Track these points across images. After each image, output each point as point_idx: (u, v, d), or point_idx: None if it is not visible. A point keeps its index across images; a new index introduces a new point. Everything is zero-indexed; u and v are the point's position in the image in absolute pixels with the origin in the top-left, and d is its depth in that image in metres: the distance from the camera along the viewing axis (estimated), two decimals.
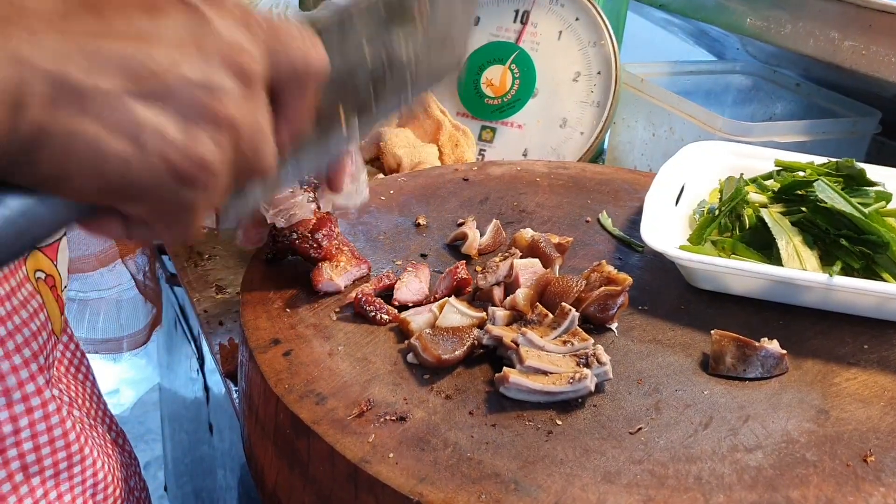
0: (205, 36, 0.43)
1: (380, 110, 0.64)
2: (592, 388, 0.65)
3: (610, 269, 0.77)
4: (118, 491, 0.72)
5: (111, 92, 0.40)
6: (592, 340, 0.69)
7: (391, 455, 0.60)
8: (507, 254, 0.79)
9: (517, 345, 0.67)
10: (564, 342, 0.69)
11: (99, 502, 0.69)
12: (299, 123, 0.50)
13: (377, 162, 1.17)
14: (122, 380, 2.88)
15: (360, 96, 0.61)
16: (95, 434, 0.72)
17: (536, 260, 0.79)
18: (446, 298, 0.74)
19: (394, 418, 0.63)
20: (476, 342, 0.69)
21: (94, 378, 0.82)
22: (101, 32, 0.40)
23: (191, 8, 0.43)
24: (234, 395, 0.88)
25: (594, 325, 0.76)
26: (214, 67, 0.43)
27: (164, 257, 1.37)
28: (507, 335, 0.68)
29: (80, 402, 0.77)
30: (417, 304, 0.76)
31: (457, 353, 0.68)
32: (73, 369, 0.79)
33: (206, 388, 1.25)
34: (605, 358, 0.66)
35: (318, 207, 0.80)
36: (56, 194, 0.42)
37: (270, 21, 0.46)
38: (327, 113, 0.56)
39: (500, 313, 0.71)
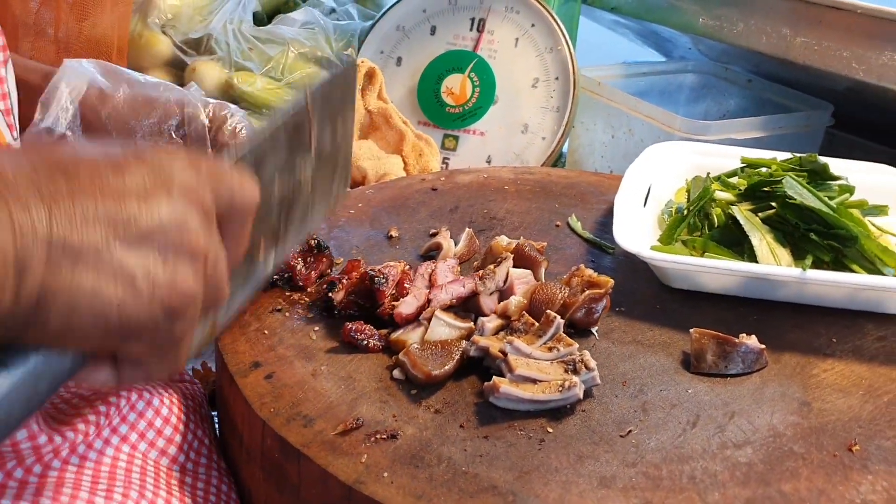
0: (167, 182, 0.47)
1: (289, 238, 0.71)
2: (581, 396, 0.65)
3: (590, 272, 0.78)
4: (185, 422, 0.73)
5: (100, 243, 0.44)
6: (577, 345, 0.69)
7: (385, 474, 0.59)
8: (500, 258, 0.79)
9: (505, 354, 0.67)
10: (550, 349, 0.69)
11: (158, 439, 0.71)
12: (240, 251, 0.55)
13: None
14: None
15: (273, 225, 0.67)
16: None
17: (528, 271, 0.79)
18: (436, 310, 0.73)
19: (385, 436, 0.63)
20: (465, 355, 0.69)
21: None
22: (77, 192, 0.44)
23: (149, 161, 0.48)
24: (213, 420, 0.86)
25: (576, 329, 0.76)
26: (181, 207, 0.47)
27: None
28: (494, 345, 0.68)
29: None
30: (417, 314, 0.75)
31: (446, 368, 0.68)
32: None
33: None
34: (592, 364, 0.66)
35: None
36: (62, 346, 0.46)
37: (210, 162, 0.52)
38: (250, 247, 0.59)
39: (490, 325, 0.71)
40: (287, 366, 0.71)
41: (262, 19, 1.26)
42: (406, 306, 0.73)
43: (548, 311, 0.71)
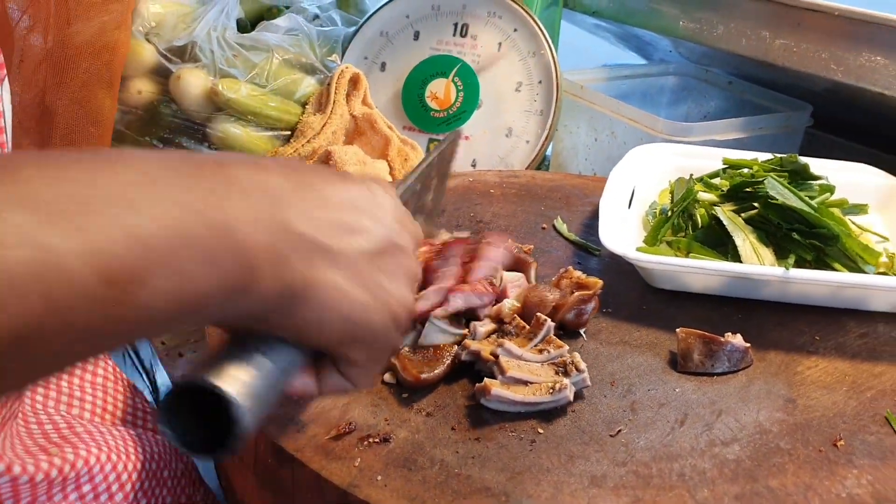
0: (396, 209, 0.54)
1: None
2: (571, 398, 0.66)
3: (578, 274, 0.79)
4: (141, 482, 0.72)
5: (351, 252, 0.49)
6: (567, 347, 0.70)
7: (379, 477, 0.60)
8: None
9: (496, 357, 0.68)
10: (541, 351, 0.69)
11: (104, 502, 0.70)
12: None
13: None
14: None
15: None
16: (111, 437, 0.71)
17: (520, 274, 0.80)
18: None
19: (377, 440, 0.63)
20: (455, 359, 0.70)
21: (124, 380, 0.81)
22: (324, 204, 0.49)
23: (375, 186, 0.54)
24: None
25: (565, 331, 0.77)
26: (404, 234, 0.54)
27: None
28: (485, 349, 0.69)
29: (99, 408, 0.77)
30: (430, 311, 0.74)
31: (436, 372, 0.68)
32: (90, 377, 0.78)
33: None
34: (582, 365, 0.67)
35: None
36: (307, 338, 0.49)
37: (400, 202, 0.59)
38: None
39: (482, 329, 0.72)
40: None
41: (245, 26, 1.26)
42: (424, 301, 0.72)
43: (538, 314, 0.72)
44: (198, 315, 0.42)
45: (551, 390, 0.65)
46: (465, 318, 0.75)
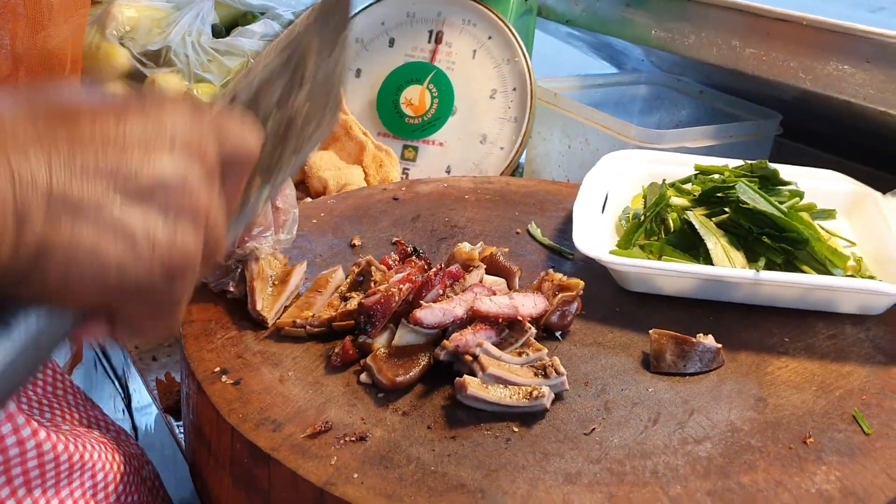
0: (171, 135, 0.45)
1: (281, 171, 0.68)
2: (548, 405, 0.66)
3: (559, 276, 0.80)
4: (122, 486, 0.71)
5: (101, 198, 0.42)
6: (546, 350, 0.70)
7: (356, 475, 0.60)
8: (472, 266, 0.80)
9: (475, 357, 0.68)
10: (520, 353, 0.70)
11: (100, 500, 0.68)
12: (238, 199, 0.53)
13: (302, 185, 1.17)
14: None
15: (266, 161, 0.63)
16: (92, 438, 0.71)
17: (502, 280, 0.81)
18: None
19: (354, 439, 0.63)
20: (431, 361, 0.70)
21: (75, 390, 0.80)
22: (77, 141, 0.42)
23: (152, 111, 0.45)
24: (177, 431, 0.86)
25: (547, 333, 0.78)
26: (184, 162, 0.45)
27: None
28: (465, 335, 0.69)
29: (66, 416, 0.76)
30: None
31: (411, 374, 0.69)
32: (49, 388, 0.77)
33: (134, 428, 1.22)
34: (562, 369, 0.68)
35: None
36: (59, 303, 0.44)
37: (213, 110, 0.50)
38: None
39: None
40: (255, 372, 0.71)
41: (220, 32, 1.27)
42: (431, 316, 0.72)
43: (521, 320, 0.72)
44: None
45: (529, 396, 0.66)
46: None
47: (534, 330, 0.72)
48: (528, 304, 0.74)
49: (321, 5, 0.67)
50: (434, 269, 0.77)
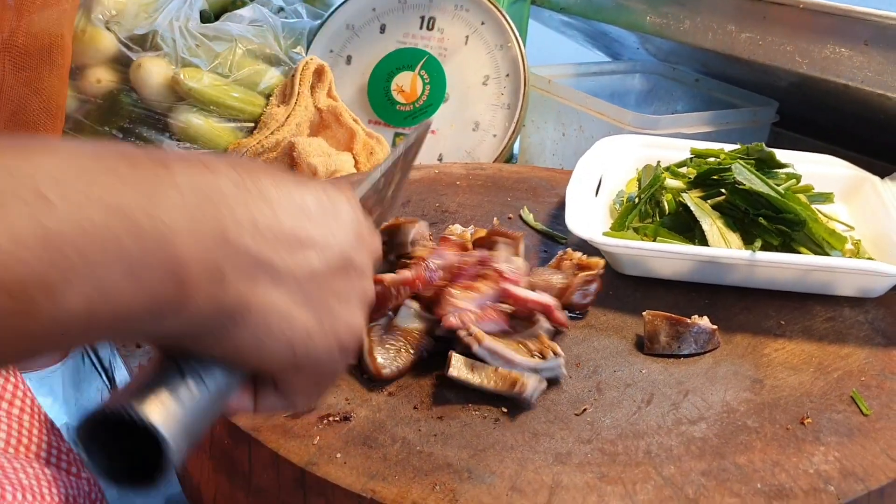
0: (356, 221, 0.48)
1: None
2: (532, 400, 0.64)
3: (578, 255, 0.78)
4: None
5: (299, 270, 0.43)
6: (561, 357, 0.67)
7: (338, 455, 0.58)
8: (494, 243, 0.78)
9: (469, 332, 0.66)
10: (520, 343, 0.67)
11: None
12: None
13: (291, 172, 1.15)
14: None
15: None
16: (24, 475, 0.67)
17: (516, 257, 0.78)
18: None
19: (337, 419, 0.62)
20: (424, 355, 0.68)
21: (35, 409, 0.76)
22: (273, 212, 0.42)
23: (334, 193, 0.48)
24: None
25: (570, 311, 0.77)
26: (361, 252, 0.48)
27: None
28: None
29: (12, 440, 0.72)
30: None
31: (399, 367, 0.66)
32: (5, 404, 0.74)
33: None
34: (560, 350, 0.65)
35: None
36: (240, 365, 0.44)
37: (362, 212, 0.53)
38: None
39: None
40: None
41: (208, 17, 1.25)
42: (453, 319, 0.68)
43: (533, 311, 0.70)
44: (118, 332, 0.39)
45: (511, 386, 0.63)
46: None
47: (548, 326, 0.69)
48: (550, 300, 0.71)
49: (417, 136, 0.74)
50: (473, 259, 0.73)
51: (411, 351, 0.68)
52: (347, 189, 0.51)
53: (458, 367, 0.64)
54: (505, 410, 0.64)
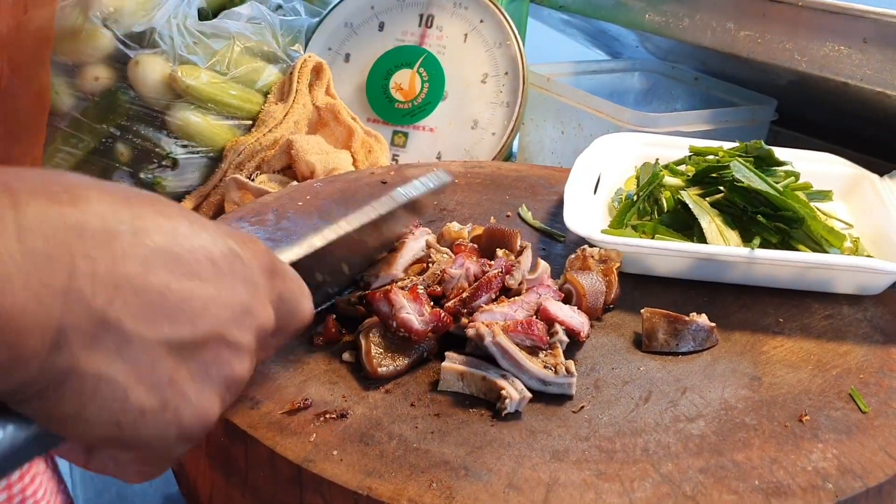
0: (241, 298, 0.42)
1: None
2: (511, 409, 0.62)
3: (590, 250, 0.78)
4: None
5: (152, 341, 0.37)
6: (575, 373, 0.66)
7: (335, 452, 0.58)
8: (522, 247, 0.78)
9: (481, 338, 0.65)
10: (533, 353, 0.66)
11: None
12: (268, 357, 0.53)
13: (289, 170, 1.15)
14: None
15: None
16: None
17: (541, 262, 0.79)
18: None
19: (334, 416, 0.61)
20: (423, 354, 0.68)
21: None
22: (143, 259, 0.37)
23: (241, 247, 0.43)
24: None
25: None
26: (246, 327, 0.42)
27: None
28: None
29: None
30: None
31: (397, 366, 0.66)
32: None
33: None
34: (573, 369, 0.65)
35: None
36: (58, 432, 0.39)
37: (283, 267, 0.48)
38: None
39: None
40: None
41: (206, 15, 1.24)
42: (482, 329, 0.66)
43: (555, 323, 0.68)
44: None
45: (498, 397, 0.62)
46: None
47: (565, 339, 0.68)
48: (584, 322, 0.71)
49: (423, 193, 0.72)
50: (495, 272, 0.72)
51: (410, 351, 0.67)
52: (257, 245, 0.45)
53: (447, 380, 0.64)
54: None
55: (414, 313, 0.66)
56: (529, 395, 0.63)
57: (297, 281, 0.50)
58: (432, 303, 0.69)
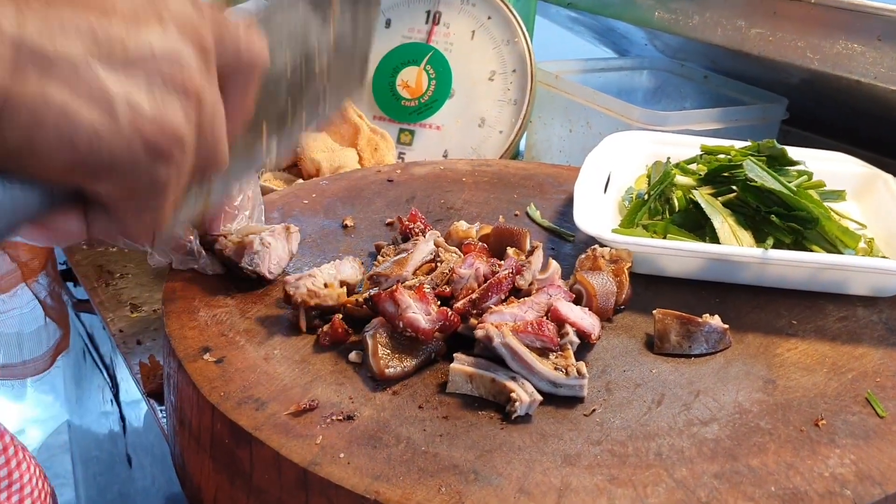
0: (162, 9, 0.41)
1: (295, 126, 0.62)
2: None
3: (600, 250, 0.77)
4: None
5: (78, 58, 0.38)
6: (586, 375, 0.64)
7: (342, 455, 0.56)
8: (533, 247, 0.77)
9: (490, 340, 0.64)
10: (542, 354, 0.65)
11: None
12: (242, 115, 0.48)
13: (295, 168, 1.14)
14: (26, 419, 2.71)
15: (280, 106, 0.58)
16: (26, 456, 0.66)
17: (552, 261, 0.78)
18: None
19: (341, 418, 0.60)
20: (431, 355, 0.67)
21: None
22: (59, 1, 0.38)
23: None
24: (160, 415, 0.83)
25: None
26: (175, 39, 0.41)
27: (69, 284, 1.30)
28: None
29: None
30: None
31: (405, 367, 0.65)
32: None
33: (123, 419, 1.18)
34: (584, 371, 0.63)
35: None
36: (21, 172, 0.39)
37: (214, 7, 0.45)
38: (251, 125, 0.52)
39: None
40: (238, 350, 0.68)
41: None
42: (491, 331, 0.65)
43: (566, 324, 0.67)
44: None
45: (508, 400, 0.61)
46: None
47: (576, 339, 0.67)
48: (595, 324, 0.70)
49: None
50: (506, 272, 0.71)
51: (418, 352, 0.66)
52: None
53: (455, 382, 0.63)
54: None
55: (420, 313, 0.65)
56: (540, 397, 0.62)
57: (237, 20, 0.47)
58: (440, 302, 0.68)
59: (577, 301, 0.73)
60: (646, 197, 0.89)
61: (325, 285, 0.71)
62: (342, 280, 0.73)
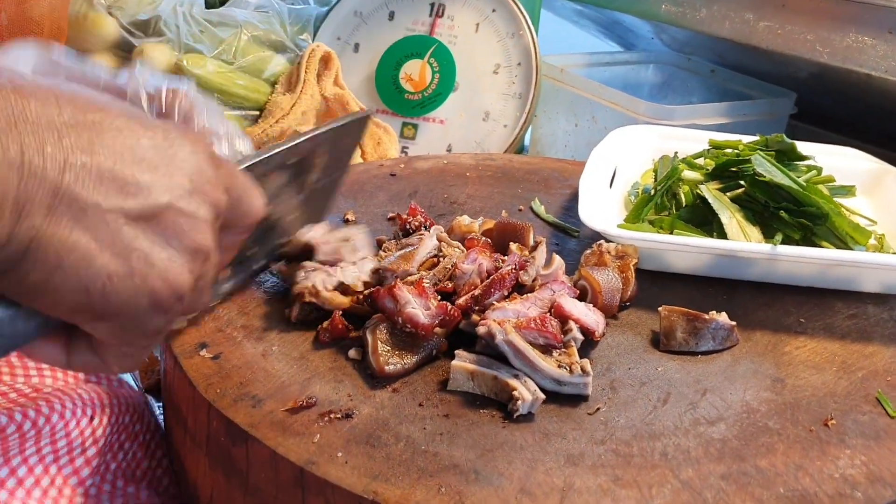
0: (192, 168, 0.44)
1: (252, 263, 0.71)
2: (524, 411, 0.60)
3: (606, 246, 0.76)
4: (99, 449, 0.68)
5: (109, 210, 0.40)
6: (591, 373, 0.63)
7: (340, 454, 0.55)
8: (537, 242, 0.75)
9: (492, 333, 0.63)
10: (545, 351, 0.64)
11: (64, 466, 0.65)
12: (228, 260, 0.53)
13: None
14: None
15: (241, 255, 0.63)
16: (62, 396, 0.67)
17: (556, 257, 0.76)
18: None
19: (339, 416, 0.59)
20: (432, 352, 0.65)
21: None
22: (98, 147, 0.40)
23: (174, 140, 0.45)
24: (157, 411, 0.82)
25: None
26: (198, 198, 0.44)
27: None
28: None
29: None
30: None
31: (405, 364, 0.63)
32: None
33: None
34: (589, 369, 0.62)
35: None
36: (32, 303, 0.41)
37: (229, 163, 0.49)
38: None
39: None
40: (235, 346, 0.67)
41: (213, 3, 1.22)
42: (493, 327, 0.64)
43: (570, 320, 0.66)
44: None
45: (510, 398, 0.60)
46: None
47: (580, 336, 0.66)
48: (599, 320, 0.68)
49: (338, 128, 0.71)
50: (509, 268, 0.69)
51: (418, 348, 0.65)
52: (196, 137, 0.48)
53: (456, 379, 0.61)
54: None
55: (420, 308, 0.64)
56: (543, 395, 0.60)
57: (244, 175, 0.51)
58: (440, 297, 0.67)
59: (582, 297, 0.71)
60: (652, 192, 0.87)
61: (336, 286, 0.69)
62: (346, 286, 0.71)
